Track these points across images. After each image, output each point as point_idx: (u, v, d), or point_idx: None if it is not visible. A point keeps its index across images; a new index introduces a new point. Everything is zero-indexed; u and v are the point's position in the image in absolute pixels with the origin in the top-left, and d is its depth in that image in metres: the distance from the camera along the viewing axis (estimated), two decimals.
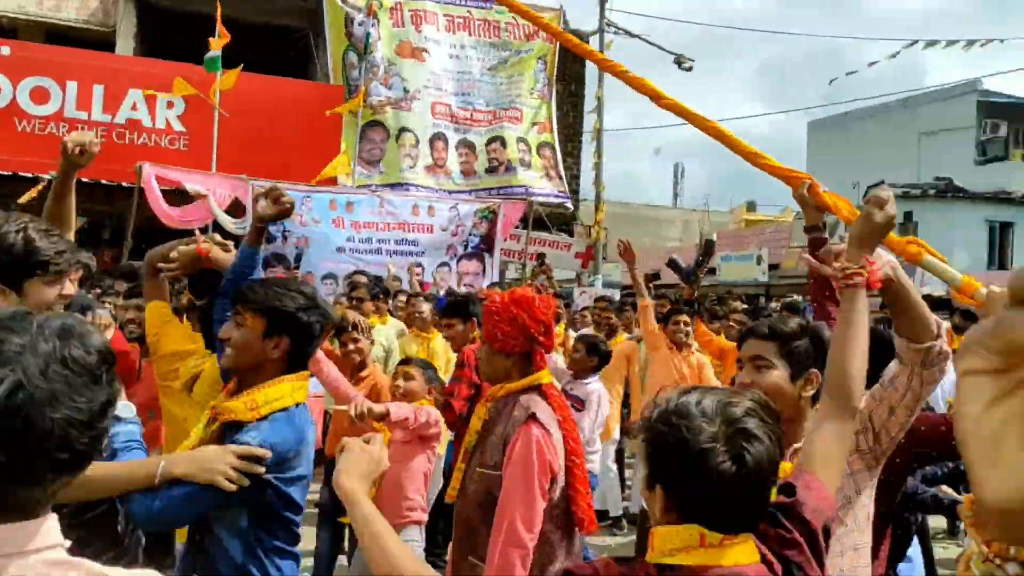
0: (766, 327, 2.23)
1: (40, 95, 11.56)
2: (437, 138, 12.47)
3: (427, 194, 11.42)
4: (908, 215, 22.66)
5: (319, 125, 11.79)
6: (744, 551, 1.44)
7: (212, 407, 2.28)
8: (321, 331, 2.38)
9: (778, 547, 1.52)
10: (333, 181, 10.79)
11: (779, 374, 2.13)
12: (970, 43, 13.80)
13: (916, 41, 14.02)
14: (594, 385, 5.26)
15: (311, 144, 11.80)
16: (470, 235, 10.11)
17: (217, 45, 10.10)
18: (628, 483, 7.32)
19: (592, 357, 5.25)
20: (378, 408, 3.46)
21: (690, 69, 13.70)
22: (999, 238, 22.43)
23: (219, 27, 10.15)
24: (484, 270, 9.98)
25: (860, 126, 26.06)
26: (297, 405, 2.26)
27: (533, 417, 2.62)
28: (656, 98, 2.53)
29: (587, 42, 15.44)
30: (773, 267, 24.94)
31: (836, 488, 1.73)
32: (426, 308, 6.13)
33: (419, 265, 9.24)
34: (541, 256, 11.52)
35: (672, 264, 6.47)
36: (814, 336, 2.20)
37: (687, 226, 36.53)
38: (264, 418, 2.16)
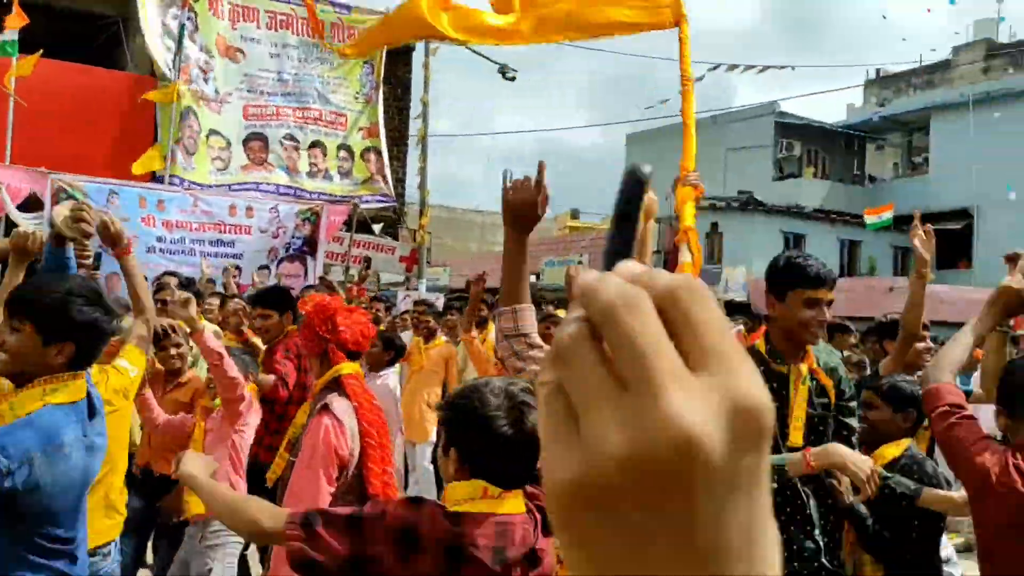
0: None
1: None
2: (253, 139, 12.08)
3: (245, 193, 11.05)
4: (714, 225, 24.31)
5: (130, 116, 11.21)
6: (515, 503, 1.79)
7: None
8: (109, 329, 2.34)
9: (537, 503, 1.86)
10: (147, 177, 10.28)
11: None
12: (764, 68, 15.07)
13: (719, 65, 15.14)
14: (390, 379, 5.50)
15: (121, 136, 11.19)
16: (293, 237, 9.93)
17: (14, 25, 9.38)
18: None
19: (388, 352, 5.50)
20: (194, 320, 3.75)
21: (513, 79, 14.11)
22: (793, 247, 24.49)
23: (15, 7, 9.43)
24: (306, 272, 9.82)
25: (673, 141, 27.65)
26: (60, 405, 2.18)
27: (325, 408, 2.83)
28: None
29: (413, 49, 15.57)
30: None
31: None
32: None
33: (237, 267, 8.97)
34: (367, 260, 11.48)
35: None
36: None
37: None
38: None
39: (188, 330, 4.02)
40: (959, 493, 2.91)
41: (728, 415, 0.36)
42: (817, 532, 2.73)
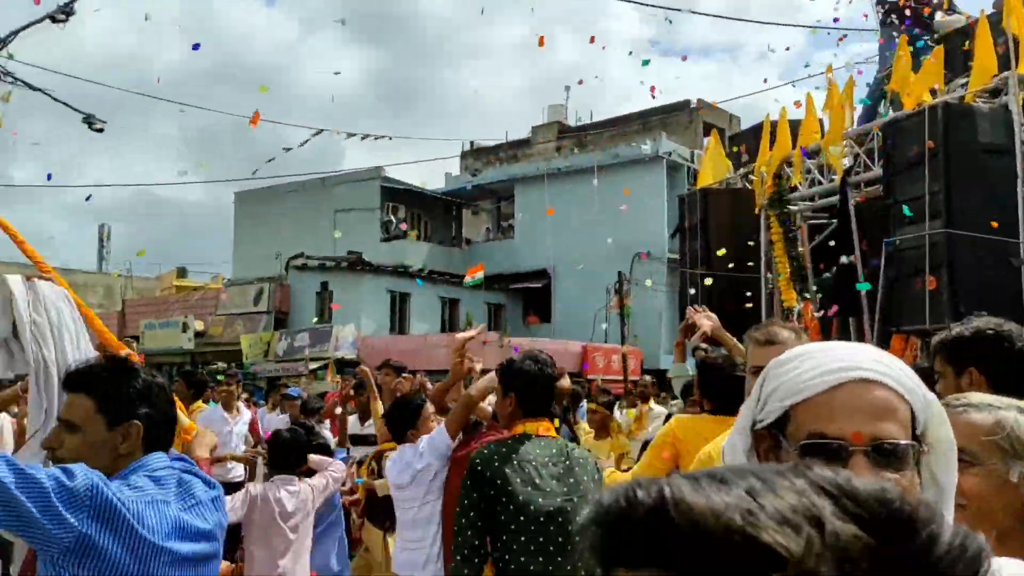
0: None
1: None
2: None
3: None
4: (324, 284, 24.69)
5: None
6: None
7: None
8: None
9: None
10: None
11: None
12: (364, 136, 15.92)
13: (323, 130, 15.64)
14: None
15: None
16: None
17: None
18: None
19: None
20: None
21: (101, 130, 13.20)
22: (399, 305, 25.73)
23: None
24: None
25: (283, 200, 27.66)
26: None
27: None
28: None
29: None
30: (199, 334, 24.87)
31: None
32: None
33: None
34: None
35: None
36: None
37: (109, 291, 34.41)
38: None
39: None
40: None
41: None
42: None
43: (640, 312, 22.83)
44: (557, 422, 4.07)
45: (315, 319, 23.21)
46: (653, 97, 16.30)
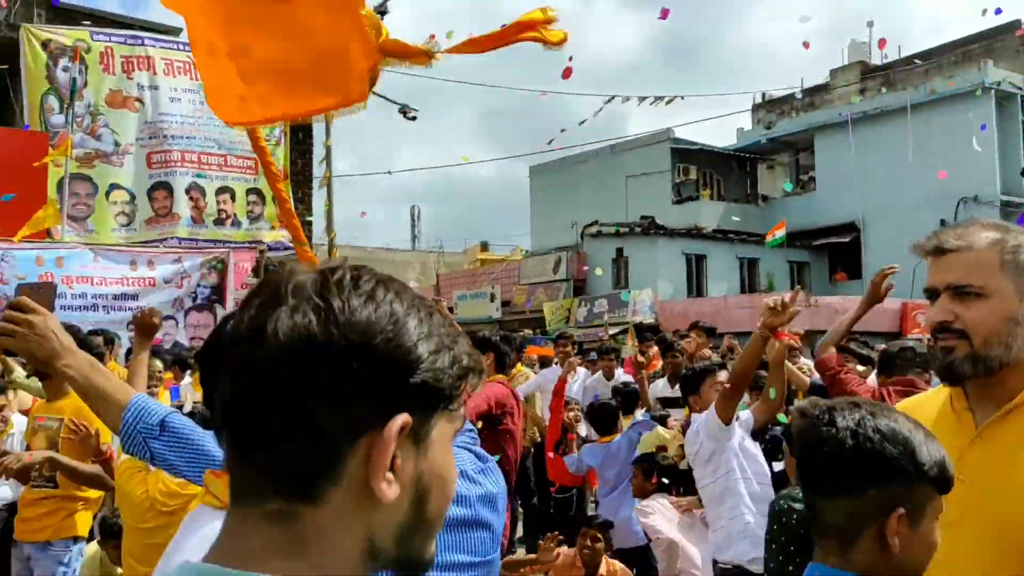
0: None
1: None
2: (157, 188, 11.88)
3: (146, 248, 10.84)
4: (620, 250, 24.95)
5: (20, 175, 10.88)
6: None
7: None
8: None
9: None
10: (42, 235, 10.00)
11: None
12: (658, 99, 15.71)
13: (614, 97, 15.72)
14: None
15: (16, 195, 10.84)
16: (199, 286, 9.81)
17: None
18: None
19: None
20: None
21: (414, 119, 14.32)
22: (695, 268, 25.32)
23: None
24: (216, 322, 9.71)
25: (574, 171, 28.32)
26: None
27: None
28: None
29: None
30: (505, 304, 26.29)
31: None
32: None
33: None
34: None
35: None
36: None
37: (424, 267, 37.43)
38: None
39: None
40: None
41: None
42: None
43: None
44: None
45: (612, 285, 23.56)
46: (997, 12, 13.01)
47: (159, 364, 6.13)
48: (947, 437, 1.46)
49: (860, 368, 5.02)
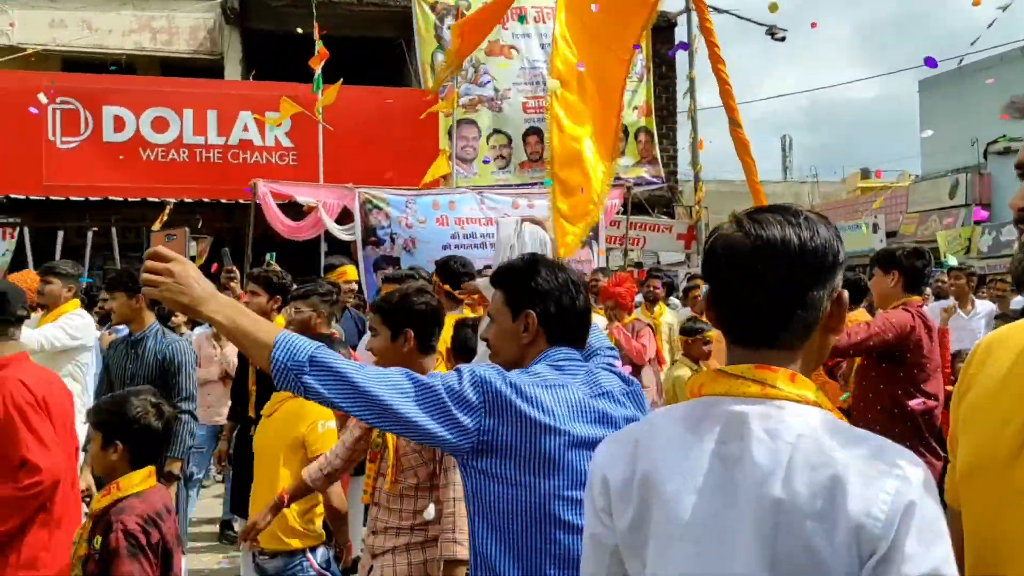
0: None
1: (160, 124, 12.38)
2: (530, 133, 12.58)
3: (524, 191, 11.53)
4: None
5: (417, 129, 12.15)
6: None
7: None
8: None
9: None
10: (437, 183, 11.10)
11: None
12: None
13: None
14: None
15: (412, 149, 12.17)
16: None
17: (317, 64, 10.51)
18: None
19: None
20: None
21: (783, 39, 13.39)
22: None
23: (318, 47, 10.56)
24: (592, 255, 10.09)
25: (974, 80, 24.67)
26: None
27: None
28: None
29: (675, 23, 15.33)
30: (891, 234, 24.03)
31: None
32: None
33: None
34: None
35: None
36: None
37: (797, 199, 35.55)
38: None
39: None
40: None
41: None
42: None
43: None
44: None
45: None
46: None
47: None
48: None
49: None
